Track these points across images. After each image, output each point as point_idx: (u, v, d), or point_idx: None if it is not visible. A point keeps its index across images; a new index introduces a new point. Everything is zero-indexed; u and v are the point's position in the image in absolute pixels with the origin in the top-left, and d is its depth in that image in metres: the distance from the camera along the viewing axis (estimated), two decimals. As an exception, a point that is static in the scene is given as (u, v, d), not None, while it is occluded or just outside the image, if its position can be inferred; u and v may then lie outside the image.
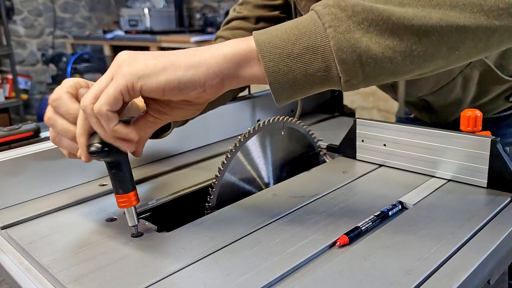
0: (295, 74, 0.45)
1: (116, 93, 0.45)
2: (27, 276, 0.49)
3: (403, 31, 0.44)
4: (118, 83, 0.45)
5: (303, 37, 0.44)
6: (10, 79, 3.81)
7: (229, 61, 0.46)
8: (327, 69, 0.44)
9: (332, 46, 0.43)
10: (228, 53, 0.46)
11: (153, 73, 0.45)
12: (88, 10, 4.55)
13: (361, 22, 0.44)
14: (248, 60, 0.46)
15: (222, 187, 0.61)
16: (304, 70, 0.44)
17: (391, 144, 0.69)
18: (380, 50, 0.44)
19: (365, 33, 0.43)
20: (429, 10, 0.44)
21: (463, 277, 0.42)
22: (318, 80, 0.45)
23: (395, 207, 0.56)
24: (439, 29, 0.44)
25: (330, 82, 0.45)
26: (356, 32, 0.43)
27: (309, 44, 0.44)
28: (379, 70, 0.45)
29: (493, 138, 0.58)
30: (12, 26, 4.00)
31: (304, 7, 0.82)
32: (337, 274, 0.43)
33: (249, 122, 0.93)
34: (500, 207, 0.55)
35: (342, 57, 0.43)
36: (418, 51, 0.44)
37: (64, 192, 0.67)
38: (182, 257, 0.47)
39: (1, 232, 0.57)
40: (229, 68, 0.46)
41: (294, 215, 0.56)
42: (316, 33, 0.44)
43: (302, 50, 0.44)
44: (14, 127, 0.82)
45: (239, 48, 0.46)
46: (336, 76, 0.45)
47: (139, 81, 0.45)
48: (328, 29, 0.43)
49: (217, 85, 0.47)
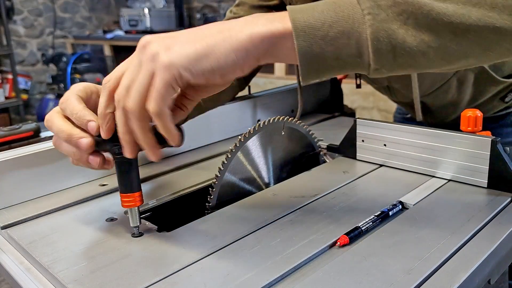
0: (327, 57, 0.44)
1: (168, 88, 0.43)
2: (27, 276, 0.49)
3: (441, 28, 0.43)
4: (164, 77, 0.43)
5: (340, 20, 0.43)
6: (10, 79, 3.82)
7: (266, 43, 0.45)
8: (359, 55, 0.44)
9: (369, 34, 0.43)
10: (264, 34, 0.44)
11: (196, 61, 0.44)
12: (88, 10, 4.55)
13: (400, 13, 0.43)
14: (284, 40, 0.45)
15: (222, 187, 0.61)
16: (337, 54, 0.44)
17: (391, 144, 0.69)
18: (415, 43, 0.43)
19: (402, 25, 0.43)
20: (469, 8, 0.43)
21: (464, 277, 0.42)
22: (348, 65, 0.45)
23: (395, 207, 0.56)
24: (476, 28, 0.43)
25: (359, 67, 0.45)
26: (394, 22, 0.43)
27: (345, 28, 0.43)
28: (410, 62, 0.45)
29: (493, 138, 0.58)
30: (12, 26, 4.00)
31: None
32: (337, 274, 0.43)
33: (249, 122, 0.93)
34: (500, 207, 0.55)
35: (378, 46, 0.43)
36: (452, 49, 0.44)
37: (64, 192, 0.67)
38: (182, 257, 0.47)
39: (1, 232, 0.57)
40: (265, 50, 0.45)
41: (294, 215, 0.56)
42: (354, 18, 0.43)
43: (337, 34, 0.43)
44: (14, 127, 0.82)
45: (275, 28, 0.44)
46: (366, 63, 0.44)
47: (185, 72, 0.43)
48: (366, 16, 0.43)
49: (254, 64, 0.46)
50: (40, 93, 4.33)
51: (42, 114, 3.92)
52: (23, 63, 4.22)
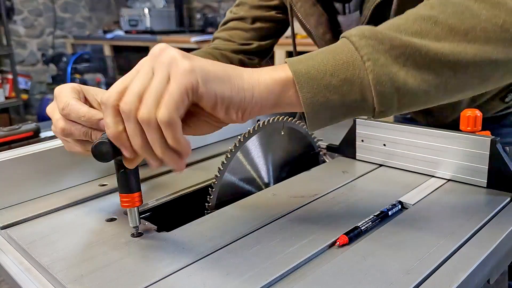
0: (332, 105, 0.45)
1: (184, 95, 0.40)
2: (27, 276, 0.49)
3: (440, 66, 0.44)
4: (181, 83, 0.40)
5: (341, 68, 0.44)
6: (10, 79, 3.82)
7: (270, 92, 0.44)
8: (364, 99, 0.45)
9: (371, 80, 0.43)
10: (268, 82, 0.44)
11: (214, 79, 0.42)
12: (88, 10, 4.55)
13: (398, 56, 0.44)
14: (286, 89, 0.45)
15: (222, 187, 0.61)
16: (341, 101, 0.45)
17: (391, 144, 0.69)
18: (416, 83, 0.44)
19: (402, 67, 0.44)
20: (465, 45, 0.44)
21: (463, 277, 0.42)
22: (353, 109, 0.46)
23: (395, 207, 0.56)
24: (473, 63, 0.45)
25: (364, 111, 0.46)
26: (394, 65, 0.44)
27: (347, 76, 0.44)
28: (413, 101, 0.45)
29: (493, 138, 0.58)
30: (12, 26, 4.01)
31: (300, 8, 0.82)
32: (337, 274, 0.43)
33: (249, 122, 0.93)
34: (500, 207, 0.55)
35: (381, 90, 0.44)
36: (452, 84, 0.46)
37: (64, 192, 0.67)
38: (182, 257, 0.47)
39: (1, 232, 0.57)
40: (268, 99, 0.45)
41: (294, 215, 0.56)
42: (354, 65, 0.44)
43: (340, 82, 0.44)
44: (14, 127, 0.82)
45: (278, 77, 0.44)
46: (371, 106, 0.45)
47: (202, 84, 0.41)
48: (366, 62, 0.43)
49: (255, 113, 0.46)
50: (40, 93, 4.33)
51: (42, 114, 3.92)
52: (23, 63, 4.22)
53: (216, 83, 0.42)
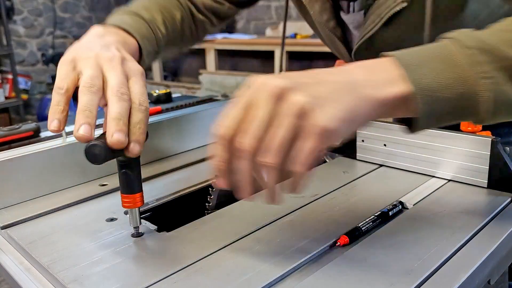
0: (445, 117, 0.46)
1: (317, 152, 0.40)
2: (27, 276, 0.49)
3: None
4: (317, 142, 0.40)
5: (458, 81, 0.44)
6: (10, 79, 3.81)
7: (386, 106, 0.44)
8: (476, 113, 0.46)
9: (491, 97, 0.44)
10: (386, 97, 0.43)
11: (346, 127, 0.42)
12: (88, 10, 4.55)
13: (506, 69, 0.45)
14: (404, 104, 0.44)
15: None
16: (452, 113, 0.46)
17: (391, 144, 0.69)
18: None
19: (508, 81, 0.45)
20: None
21: (464, 278, 0.42)
22: (459, 119, 0.48)
23: (395, 207, 0.56)
24: None
25: (469, 120, 0.48)
26: (508, 84, 0.45)
27: (464, 91, 0.44)
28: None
29: (493, 138, 0.58)
30: (12, 26, 4.00)
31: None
32: (337, 274, 0.43)
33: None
34: (500, 207, 0.55)
35: (496, 107, 0.45)
36: None
37: (64, 192, 0.67)
38: (182, 257, 0.47)
39: (1, 232, 0.57)
40: (383, 113, 0.45)
41: (294, 215, 0.56)
42: (468, 81, 0.44)
43: (456, 96, 0.44)
44: (14, 127, 0.82)
45: (397, 92, 0.43)
46: (480, 118, 0.46)
47: (334, 137, 0.41)
48: (482, 79, 0.44)
49: (364, 126, 0.46)
50: (40, 93, 4.33)
51: (42, 114, 3.92)
52: (23, 63, 4.22)
53: (347, 128, 0.42)
